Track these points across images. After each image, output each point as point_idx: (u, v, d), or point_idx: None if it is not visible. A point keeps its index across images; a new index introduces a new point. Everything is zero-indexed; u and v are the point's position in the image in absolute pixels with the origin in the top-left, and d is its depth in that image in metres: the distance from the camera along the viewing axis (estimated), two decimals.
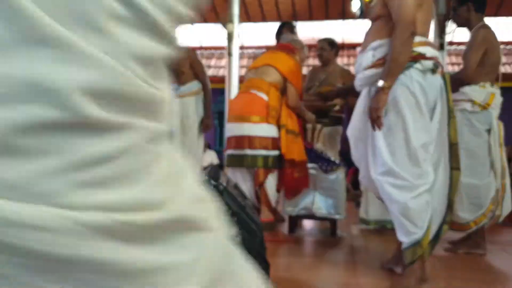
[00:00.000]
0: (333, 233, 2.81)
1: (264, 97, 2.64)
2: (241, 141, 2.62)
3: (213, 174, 1.31)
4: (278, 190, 2.75)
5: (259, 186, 2.63)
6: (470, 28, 2.43)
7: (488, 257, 2.32)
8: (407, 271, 1.88)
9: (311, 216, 2.84)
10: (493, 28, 2.40)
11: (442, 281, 1.91)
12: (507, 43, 8.28)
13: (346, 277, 1.91)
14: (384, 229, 2.91)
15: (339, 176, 2.80)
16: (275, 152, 2.65)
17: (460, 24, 2.51)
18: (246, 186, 2.68)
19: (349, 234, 2.92)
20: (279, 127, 2.67)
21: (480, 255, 2.33)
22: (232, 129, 2.71)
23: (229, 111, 2.79)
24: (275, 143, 2.65)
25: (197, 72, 3.31)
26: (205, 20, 8.27)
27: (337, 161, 2.88)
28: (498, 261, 2.28)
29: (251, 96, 2.66)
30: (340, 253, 2.37)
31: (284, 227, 2.95)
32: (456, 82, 2.44)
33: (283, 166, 2.67)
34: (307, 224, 3.25)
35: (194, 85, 3.31)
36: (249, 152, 2.60)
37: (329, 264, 2.23)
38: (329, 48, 3.48)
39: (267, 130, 2.64)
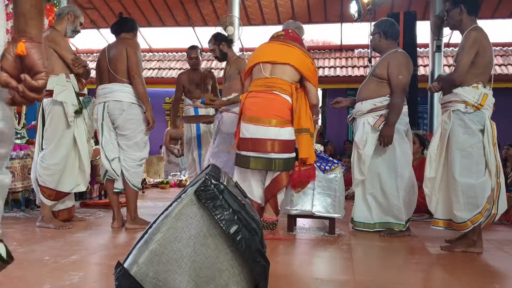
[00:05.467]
0: (331, 231, 2.84)
1: (289, 99, 2.65)
2: (264, 144, 2.59)
3: (213, 174, 1.34)
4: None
5: (279, 190, 2.68)
6: (462, 30, 2.47)
7: (485, 256, 2.34)
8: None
9: (310, 215, 2.88)
10: (489, 30, 2.44)
11: (439, 280, 1.94)
12: (503, 45, 8.32)
13: (344, 275, 1.94)
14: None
15: (337, 175, 2.84)
16: (293, 154, 2.71)
17: (452, 26, 2.55)
18: (257, 187, 2.70)
19: (347, 232, 2.95)
20: (299, 130, 2.72)
21: (477, 254, 2.35)
22: (253, 130, 2.63)
23: (247, 110, 2.68)
24: (293, 145, 2.71)
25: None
26: (206, 23, 8.32)
27: (336, 161, 2.92)
28: (494, 260, 2.31)
29: (276, 98, 2.62)
30: (339, 251, 2.40)
31: (284, 226, 2.98)
32: (448, 83, 2.49)
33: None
34: (306, 222, 3.29)
35: None
36: (273, 155, 2.61)
37: (327, 261, 2.26)
38: None
39: (291, 133, 2.68)
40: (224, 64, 3.80)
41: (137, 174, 2.92)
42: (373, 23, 3.11)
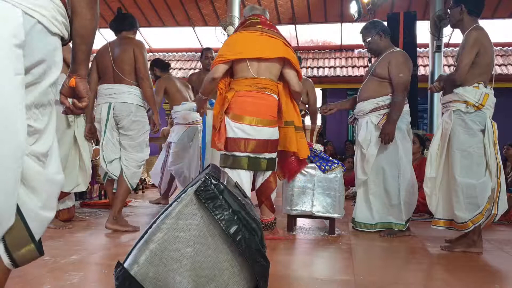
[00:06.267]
0: (331, 231, 2.84)
1: (277, 98, 2.63)
2: (261, 144, 2.56)
3: (213, 174, 1.35)
4: None
5: (272, 190, 2.68)
6: (463, 30, 2.47)
7: (485, 256, 2.35)
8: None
9: (310, 215, 2.88)
10: (489, 30, 2.44)
11: (439, 280, 1.94)
12: (503, 45, 8.33)
13: (344, 275, 1.94)
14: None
15: (337, 175, 2.84)
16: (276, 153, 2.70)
17: (453, 25, 2.56)
18: (248, 188, 2.64)
19: (347, 232, 2.95)
20: (285, 123, 2.68)
21: (477, 254, 2.36)
22: (249, 131, 2.53)
23: (239, 110, 2.55)
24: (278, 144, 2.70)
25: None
26: (206, 23, 8.32)
27: (336, 161, 2.92)
28: (494, 260, 2.31)
29: (267, 98, 2.59)
30: (339, 251, 2.40)
31: (284, 226, 2.98)
32: (449, 83, 2.49)
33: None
34: (306, 222, 3.29)
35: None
36: (267, 155, 2.58)
37: (327, 261, 2.27)
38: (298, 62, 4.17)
39: (278, 132, 2.66)
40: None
41: (136, 175, 2.90)
42: (369, 25, 3.07)
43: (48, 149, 1.08)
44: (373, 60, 3.26)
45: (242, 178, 2.58)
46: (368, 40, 2.99)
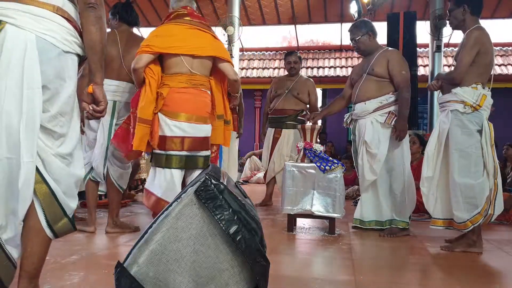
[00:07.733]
0: (331, 231, 2.84)
1: (210, 93, 2.55)
2: (200, 142, 2.48)
3: (213, 174, 1.35)
4: None
5: None
6: (464, 30, 2.47)
7: (485, 256, 2.35)
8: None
9: (309, 215, 2.88)
10: (489, 30, 2.44)
11: (439, 280, 1.94)
12: (503, 45, 8.34)
13: (344, 275, 1.94)
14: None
15: (337, 175, 2.84)
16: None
17: (455, 26, 2.55)
18: (179, 188, 2.47)
19: (347, 232, 2.96)
20: (218, 117, 2.62)
21: (477, 254, 2.36)
22: (188, 129, 2.43)
23: (177, 107, 2.43)
24: None
25: None
26: None
27: (336, 161, 2.92)
28: (494, 260, 2.31)
29: (203, 95, 2.50)
30: (339, 251, 2.40)
31: (284, 226, 2.98)
32: (447, 82, 2.49)
33: None
34: (306, 222, 3.29)
35: None
36: (204, 153, 2.50)
37: (327, 261, 2.27)
38: (299, 62, 4.22)
39: (211, 129, 2.58)
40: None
41: (123, 176, 2.79)
42: (358, 24, 3.08)
43: (72, 150, 1.34)
44: (360, 59, 3.27)
45: (175, 177, 2.46)
46: (357, 38, 2.98)
